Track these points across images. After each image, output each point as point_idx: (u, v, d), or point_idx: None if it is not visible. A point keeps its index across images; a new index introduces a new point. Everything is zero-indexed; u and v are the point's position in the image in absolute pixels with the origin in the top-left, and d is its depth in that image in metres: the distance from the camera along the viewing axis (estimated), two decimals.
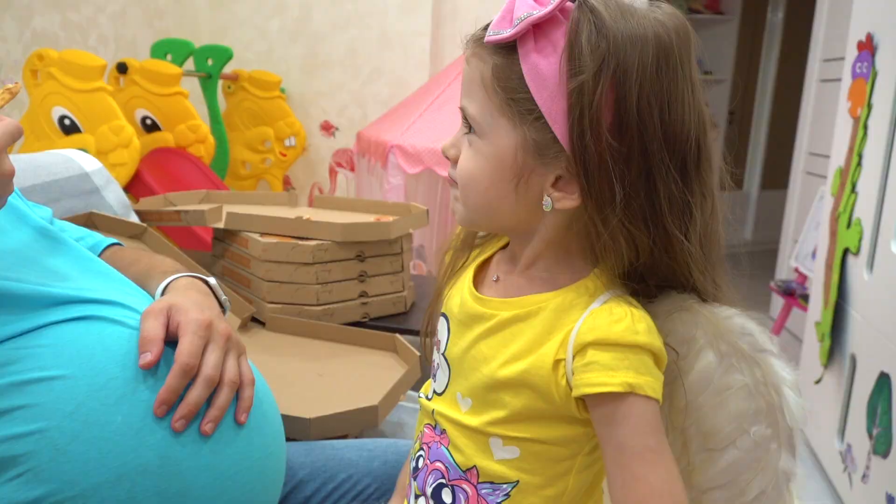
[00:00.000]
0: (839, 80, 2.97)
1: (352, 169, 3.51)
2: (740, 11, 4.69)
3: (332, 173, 3.57)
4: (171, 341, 0.71)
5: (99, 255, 0.98)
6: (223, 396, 0.69)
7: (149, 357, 0.66)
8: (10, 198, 0.81)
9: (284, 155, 3.40)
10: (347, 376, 1.13)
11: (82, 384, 0.64)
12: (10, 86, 0.69)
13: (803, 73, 3.48)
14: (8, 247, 0.73)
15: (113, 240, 1.03)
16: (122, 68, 2.66)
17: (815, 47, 3.30)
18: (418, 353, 1.15)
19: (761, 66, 4.97)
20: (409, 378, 1.12)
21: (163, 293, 0.82)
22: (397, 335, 1.23)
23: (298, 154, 3.44)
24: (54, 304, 0.69)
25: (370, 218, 1.52)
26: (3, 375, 0.62)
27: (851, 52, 2.07)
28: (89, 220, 1.36)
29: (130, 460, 0.63)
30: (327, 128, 3.61)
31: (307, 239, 1.35)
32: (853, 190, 1.88)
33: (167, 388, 0.66)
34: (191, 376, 0.67)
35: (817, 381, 2.08)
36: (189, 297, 0.77)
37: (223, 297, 0.88)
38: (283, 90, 3.48)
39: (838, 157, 2.08)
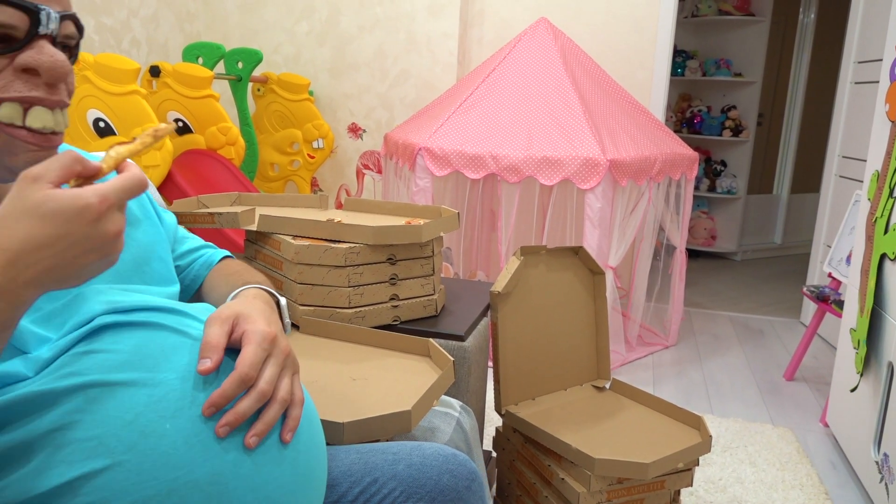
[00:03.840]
0: (874, 82, 2.92)
1: (379, 171, 3.52)
2: (771, 13, 4.63)
3: (360, 175, 3.59)
4: (232, 348, 0.72)
5: (212, 268, 1.07)
6: (272, 412, 0.70)
7: (208, 364, 0.68)
8: (149, 205, 0.90)
9: (312, 157, 3.42)
10: (380, 380, 1.13)
11: (142, 394, 0.65)
12: (160, 126, 0.67)
13: (835, 75, 3.43)
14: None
15: (226, 252, 1.09)
16: (154, 72, 2.69)
17: (849, 49, 3.24)
18: (452, 359, 1.14)
19: (792, 67, 4.90)
20: (443, 383, 1.11)
21: (234, 297, 0.85)
22: (431, 340, 1.23)
23: (326, 156, 3.46)
24: (120, 311, 0.71)
25: (401, 221, 1.52)
26: (66, 377, 0.64)
27: (890, 54, 2.03)
28: None
29: (182, 475, 0.63)
30: (354, 130, 3.63)
31: (339, 242, 1.36)
32: (891, 194, 1.84)
33: (221, 393, 0.67)
34: (247, 386, 0.69)
35: (853, 390, 2.04)
36: (256, 306, 0.79)
37: (287, 321, 0.90)
38: (311, 92, 3.50)
39: (875, 161, 2.04)
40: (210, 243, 1.10)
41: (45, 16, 0.68)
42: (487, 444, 2.02)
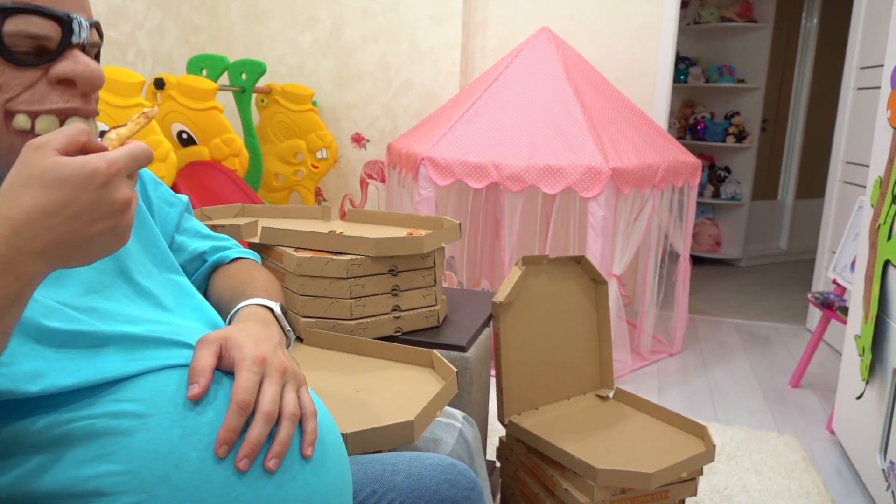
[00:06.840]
0: (877, 87, 2.92)
1: (382, 180, 3.53)
2: (773, 19, 4.64)
3: (363, 184, 3.60)
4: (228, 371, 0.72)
5: (220, 267, 1.06)
6: (284, 431, 0.68)
7: (196, 389, 0.67)
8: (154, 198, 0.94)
9: (316, 167, 3.44)
10: (384, 392, 1.14)
11: (176, 427, 0.65)
12: (147, 110, 0.68)
13: (838, 80, 3.42)
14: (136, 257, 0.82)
15: (241, 252, 1.09)
16: (159, 84, 2.71)
17: (852, 55, 3.24)
18: (455, 370, 1.14)
19: (795, 73, 4.90)
20: (446, 394, 1.12)
21: (230, 321, 0.86)
22: (434, 351, 1.23)
23: (330, 166, 3.47)
24: (160, 346, 0.71)
25: (402, 232, 1.52)
26: (107, 404, 0.65)
27: (891, 60, 2.03)
28: None
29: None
30: (358, 140, 3.64)
31: (341, 253, 1.36)
32: (894, 201, 1.84)
33: (226, 428, 0.65)
34: (248, 413, 0.67)
35: (858, 397, 2.04)
36: (246, 329, 0.76)
37: (286, 328, 0.89)
38: (315, 103, 3.52)
39: (878, 167, 2.04)
40: (225, 238, 1.09)
41: (77, 25, 0.68)
42: (491, 455, 2.01)
